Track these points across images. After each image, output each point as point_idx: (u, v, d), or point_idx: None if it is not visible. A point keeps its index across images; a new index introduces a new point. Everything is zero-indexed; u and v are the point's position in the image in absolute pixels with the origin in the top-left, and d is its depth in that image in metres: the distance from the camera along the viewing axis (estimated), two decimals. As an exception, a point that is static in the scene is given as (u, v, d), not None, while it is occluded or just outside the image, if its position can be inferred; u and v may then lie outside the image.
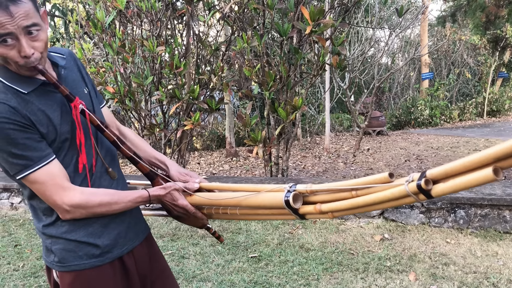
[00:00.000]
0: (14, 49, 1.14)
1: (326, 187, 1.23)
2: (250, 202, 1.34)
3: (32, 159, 1.17)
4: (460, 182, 0.99)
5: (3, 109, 1.14)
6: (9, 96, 1.17)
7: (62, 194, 1.21)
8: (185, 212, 1.43)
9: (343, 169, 7.55)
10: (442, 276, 2.99)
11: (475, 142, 9.90)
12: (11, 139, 1.14)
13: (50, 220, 1.27)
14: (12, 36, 1.12)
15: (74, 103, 1.27)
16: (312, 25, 4.25)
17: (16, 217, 4.74)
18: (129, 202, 1.32)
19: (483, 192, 3.80)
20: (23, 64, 1.16)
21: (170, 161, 1.54)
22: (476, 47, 16.67)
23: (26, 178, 1.19)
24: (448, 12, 9.64)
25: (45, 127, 1.21)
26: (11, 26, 1.10)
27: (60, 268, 1.28)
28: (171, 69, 4.81)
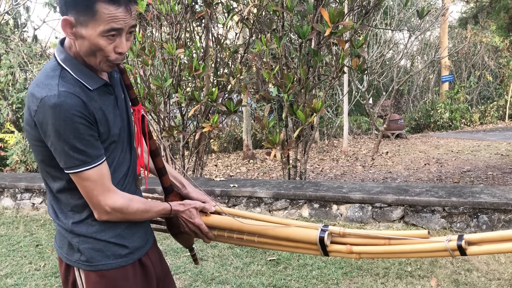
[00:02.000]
0: (112, 44, 1.18)
1: (360, 233, 1.34)
2: (278, 233, 1.41)
3: (91, 156, 1.19)
4: (492, 248, 1.19)
5: (78, 102, 1.16)
6: (78, 89, 1.18)
7: (107, 196, 1.23)
8: (197, 231, 1.47)
9: (362, 172, 7.48)
10: (465, 282, 2.93)
11: (497, 146, 9.71)
12: (79, 133, 1.16)
13: (79, 218, 1.28)
14: (119, 32, 1.17)
15: (138, 107, 1.32)
16: (331, 27, 4.23)
17: (38, 217, 4.81)
18: (155, 212, 1.37)
19: (507, 197, 3.72)
20: (113, 60, 1.20)
21: (185, 180, 1.58)
22: (498, 49, 16.38)
23: (79, 174, 1.19)
24: (469, 13, 9.49)
25: (103, 126, 1.23)
26: (124, 23, 1.16)
27: (87, 268, 1.28)
28: (190, 71, 4.83)
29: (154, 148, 1.42)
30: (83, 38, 1.16)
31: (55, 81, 1.16)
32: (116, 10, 1.13)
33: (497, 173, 6.70)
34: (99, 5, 1.11)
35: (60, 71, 1.19)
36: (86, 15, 1.13)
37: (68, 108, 1.13)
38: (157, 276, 1.42)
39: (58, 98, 1.13)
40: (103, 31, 1.14)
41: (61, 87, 1.15)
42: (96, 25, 1.13)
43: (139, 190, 1.44)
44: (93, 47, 1.16)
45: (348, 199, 4.09)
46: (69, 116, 1.13)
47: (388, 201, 3.95)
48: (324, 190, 4.28)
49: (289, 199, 4.30)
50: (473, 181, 6.20)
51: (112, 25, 1.14)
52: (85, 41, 1.16)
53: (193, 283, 3.10)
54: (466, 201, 3.71)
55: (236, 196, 4.47)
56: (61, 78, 1.18)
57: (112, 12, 1.12)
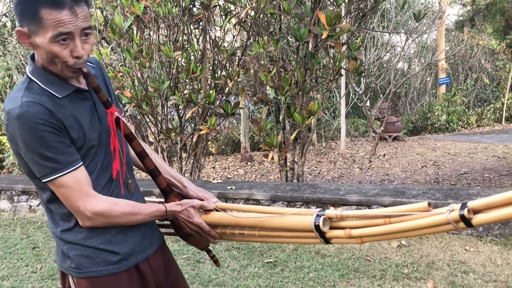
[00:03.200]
0: (67, 48, 1.16)
1: (359, 214, 1.23)
2: (274, 223, 1.34)
3: (62, 163, 1.18)
4: (501, 213, 1.01)
5: (41, 110, 1.16)
6: (44, 98, 1.18)
7: (86, 201, 1.21)
8: (198, 230, 1.43)
9: (359, 174, 7.49)
10: (461, 284, 2.94)
11: (493, 148, 9.74)
12: (45, 141, 1.16)
13: (68, 226, 1.28)
14: (70, 36, 1.15)
15: (110, 109, 1.28)
16: (328, 30, 4.24)
17: (34, 220, 4.80)
18: (147, 215, 1.33)
19: (503, 199, 3.73)
20: (71, 65, 1.18)
21: (186, 179, 1.55)
22: (494, 52, 16.45)
23: (53, 182, 1.19)
24: (466, 16, 9.53)
25: (76, 132, 1.22)
26: (72, 26, 1.14)
27: (77, 274, 1.28)
28: (188, 74, 4.84)
29: (140, 150, 1.37)
30: (39, 47, 1.16)
31: (20, 93, 1.18)
32: (59, 14, 1.11)
33: (494, 175, 6.72)
34: (43, 11, 1.10)
35: (28, 83, 1.20)
36: (34, 23, 1.12)
37: (31, 117, 1.14)
38: (158, 283, 1.39)
39: (21, 109, 1.14)
40: (52, 37, 1.12)
41: (24, 98, 1.16)
42: (45, 32, 1.12)
43: (135, 193, 1.40)
44: (49, 55, 1.16)
45: (345, 201, 4.10)
46: (32, 125, 1.14)
47: (385, 203, 3.96)
48: (321, 192, 4.28)
49: (286, 201, 4.30)
50: (470, 184, 6.22)
51: (59, 30, 1.12)
52: (42, 50, 1.16)
53: (190, 285, 3.09)
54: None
55: (233, 198, 4.47)
56: (28, 89, 1.18)
57: (56, 17, 1.11)
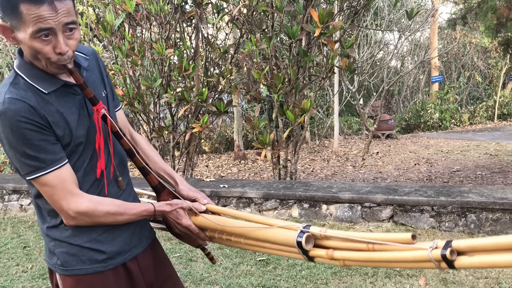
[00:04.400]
0: (49, 44, 1.13)
1: (341, 235, 1.19)
2: (258, 235, 1.30)
3: (45, 161, 1.16)
4: (487, 260, 0.95)
5: (23, 107, 1.13)
6: (29, 94, 1.15)
7: (70, 200, 1.19)
8: (187, 232, 1.40)
9: (352, 172, 7.50)
10: (453, 281, 2.95)
11: (486, 146, 9.80)
12: (27, 139, 1.13)
13: (54, 223, 1.26)
14: (52, 32, 1.11)
15: (97, 106, 1.25)
16: (321, 28, 4.24)
17: (25, 219, 4.76)
18: (134, 215, 1.30)
19: (494, 196, 3.75)
20: (55, 61, 1.15)
21: (179, 176, 1.51)
22: (487, 50, 16.54)
23: (36, 180, 1.17)
24: (458, 14, 9.57)
25: (62, 129, 1.19)
26: (53, 21, 1.10)
27: (63, 272, 1.26)
28: (180, 71, 4.82)
29: (128, 148, 1.35)
30: (22, 43, 1.13)
31: (4, 89, 1.15)
32: (38, 9, 1.07)
33: (486, 172, 6.75)
34: (22, 6, 1.07)
35: (14, 78, 1.17)
36: (15, 18, 1.09)
37: (12, 114, 1.11)
38: (148, 282, 1.38)
39: (2, 106, 1.11)
40: (33, 33, 1.09)
41: (7, 94, 1.13)
42: (25, 27, 1.09)
43: (127, 190, 1.38)
44: (31, 51, 1.13)
45: (337, 199, 4.10)
46: (14, 122, 1.11)
47: (378, 200, 3.97)
48: (313, 190, 4.28)
49: (279, 199, 4.30)
50: (462, 181, 6.25)
51: (39, 26, 1.08)
52: (24, 45, 1.13)
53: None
54: (454, 200, 3.74)
55: (226, 197, 4.46)
56: (13, 85, 1.15)
57: (35, 12, 1.07)
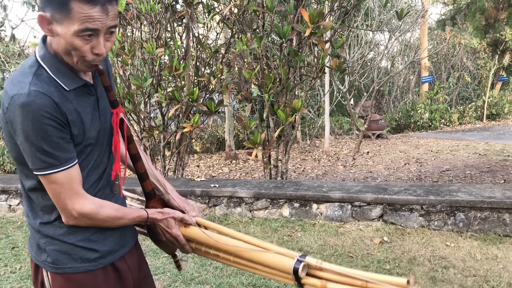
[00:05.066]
0: (89, 44, 1.13)
1: (337, 270, 1.24)
2: (253, 256, 1.35)
3: (59, 159, 1.15)
4: None
5: (48, 103, 1.11)
6: (52, 89, 1.14)
7: (75, 200, 1.18)
8: (174, 241, 1.43)
9: (343, 172, 7.53)
10: (442, 279, 2.97)
11: (475, 145, 9.89)
12: (47, 135, 1.12)
13: (48, 219, 1.24)
14: (95, 32, 1.12)
15: (117, 110, 1.27)
16: (311, 28, 4.25)
17: (14, 219, 4.72)
18: (129, 220, 1.32)
19: (482, 195, 3.79)
20: (89, 60, 1.15)
21: (169, 185, 1.53)
22: (476, 50, 16.70)
23: (46, 177, 1.16)
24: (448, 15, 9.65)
25: (77, 129, 1.19)
26: (101, 23, 1.11)
27: (53, 269, 1.25)
28: (171, 71, 4.80)
29: (135, 153, 1.38)
30: (59, 36, 1.12)
31: (28, 79, 1.12)
32: (91, 9, 1.08)
33: (475, 172, 6.82)
34: (74, 3, 1.07)
35: (37, 68, 1.15)
36: (61, 12, 1.08)
37: (37, 108, 1.09)
38: (134, 280, 1.39)
39: (28, 98, 1.09)
40: (78, 31, 1.09)
41: (32, 86, 1.11)
42: (70, 24, 1.09)
43: (118, 195, 1.39)
44: (68, 46, 1.12)
45: (328, 198, 4.12)
46: (37, 117, 1.09)
47: (367, 200, 3.99)
48: (304, 190, 4.30)
49: (270, 199, 4.31)
50: (452, 180, 6.30)
51: (86, 25, 1.09)
52: (61, 39, 1.12)
53: (172, 283, 3.08)
54: (443, 199, 3.77)
55: (217, 196, 4.46)
56: (36, 76, 1.13)
57: (86, 12, 1.08)
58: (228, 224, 4.18)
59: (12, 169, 7.16)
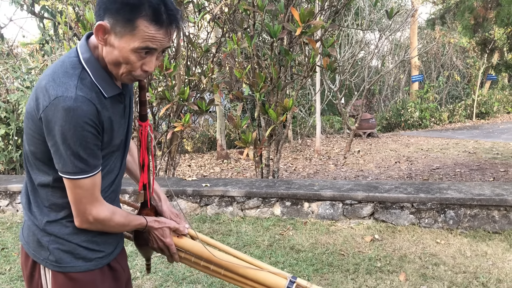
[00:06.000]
0: (141, 60, 1.14)
1: None
2: (247, 273, 1.43)
3: (90, 165, 1.16)
4: None
5: (92, 110, 1.12)
6: (94, 95, 1.14)
7: (94, 205, 1.20)
8: (165, 250, 1.46)
9: (334, 170, 7.56)
10: (432, 276, 3.00)
11: (464, 144, 9.98)
12: (86, 142, 1.12)
13: (55, 217, 1.24)
14: (151, 51, 1.14)
15: (145, 123, 1.31)
16: (302, 27, 4.26)
17: (3, 220, 4.68)
18: (132, 226, 1.36)
19: (472, 192, 3.82)
20: (136, 76, 1.18)
21: (163, 195, 1.56)
22: (465, 49, 16.84)
23: (74, 181, 1.16)
24: (437, 14, 9.72)
25: (108, 136, 1.20)
26: (160, 44, 1.13)
27: (55, 268, 1.25)
28: (161, 70, 4.79)
29: (147, 163, 1.40)
30: (113, 47, 1.13)
31: (73, 82, 1.12)
32: (157, 31, 1.10)
33: (465, 170, 6.88)
34: (141, 22, 1.08)
35: (81, 71, 1.15)
36: (124, 27, 1.09)
37: (82, 115, 1.10)
38: (125, 280, 1.42)
39: (75, 102, 1.09)
40: (137, 48, 1.11)
41: (79, 91, 1.11)
42: (131, 40, 1.10)
43: (117, 200, 1.43)
44: (121, 59, 1.13)
45: (319, 196, 4.13)
46: (81, 123, 1.10)
47: (358, 198, 4.01)
48: (295, 188, 4.31)
49: (261, 198, 4.31)
50: (442, 178, 6.35)
51: (147, 44, 1.11)
52: (115, 51, 1.13)
53: (164, 283, 3.07)
54: (433, 197, 3.80)
55: (208, 196, 4.45)
56: (80, 79, 1.13)
57: (151, 32, 1.10)
58: (219, 224, 4.18)
59: (2, 170, 7.09)
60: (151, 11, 1.08)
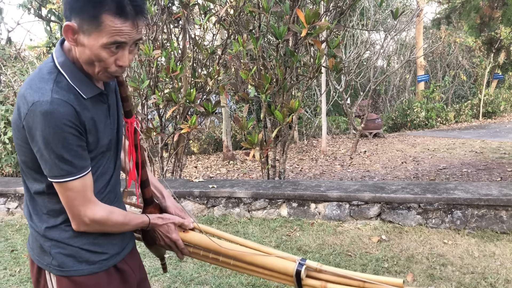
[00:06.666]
0: (114, 56, 1.15)
1: (336, 271, 1.33)
2: (255, 260, 1.41)
3: (77, 167, 1.16)
4: None
5: (70, 111, 1.12)
6: (71, 97, 1.15)
7: (88, 207, 1.20)
8: (172, 246, 1.46)
9: (340, 171, 7.55)
10: (440, 276, 2.99)
11: (471, 143, 9.93)
12: (68, 143, 1.13)
13: (53, 223, 1.25)
14: (122, 45, 1.14)
15: (131, 119, 1.30)
16: (307, 28, 4.27)
17: (13, 222, 4.72)
18: (133, 225, 1.35)
19: (479, 192, 3.81)
20: (112, 72, 1.18)
21: (166, 192, 1.55)
22: (471, 49, 16.76)
23: (63, 184, 1.17)
24: (443, 14, 9.69)
25: (92, 136, 1.20)
26: (129, 37, 1.13)
27: (58, 272, 1.26)
28: (168, 72, 4.81)
29: (142, 160, 1.41)
30: (84, 46, 1.13)
31: (49, 86, 1.13)
32: (123, 24, 1.10)
33: (472, 170, 6.85)
34: (105, 17, 1.08)
35: (56, 75, 1.16)
36: (90, 24, 1.09)
37: (60, 117, 1.10)
38: (137, 281, 1.42)
39: (51, 105, 1.09)
40: (106, 44, 1.11)
41: (54, 94, 1.11)
42: (99, 36, 1.10)
43: (120, 199, 1.42)
44: (93, 57, 1.14)
45: (326, 197, 4.14)
46: (60, 125, 1.10)
47: (365, 198, 4.01)
48: (302, 189, 4.31)
49: (268, 199, 4.32)
50: (449, 178, 6.33)
51: (116, 38, 1.11)
52: (86, 50, 1.13)
53: (172, 284, 3.09)
54: (440, 197, 3.80)
55: (215, 197, 4.47)
56: (56, 83, 1.14)
57: (117, 26, 1.09)
58: (226, 225, 4.19)
59: (10, 172, 7.15)
60: (114, 4, 1.08)
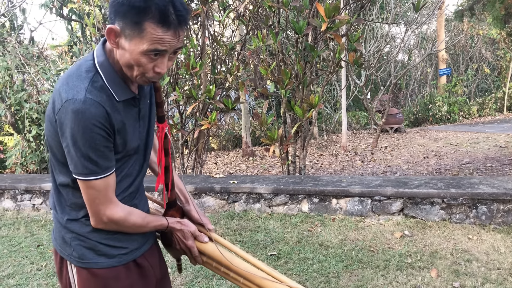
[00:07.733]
0: (153, 62, 1.16)
1: None
2: (266, 285, 1.39)
3: (101, 167, 1.18)
4: None
5: (101, 113, 1.14)
6: (104, 98, 1.17)
7: (108, 207, 1.22)
8: (187, 251, 1.47)
9: (361, 167, 7.49)
10: (465, 272, 2.94)
11: (495, 137, 9.72)
12: (95, 144, 1.15)
13: (75, 216, 1.28)
14: (162, 53, 1.15)
15: (163, 125, 1.32)
16: (327, 22, 4.23)
17: (38, 218, 4.82)
18: (151, 227, 1.37)
19: (505, 187, 3.73)
20: (149, 77, 1.19)
21: (189, 195, 1.57)
22: (495, 41, 16.38)
23: (86, 182, 1.19)
24: (465, 6, 9.50)
25: (120, 139, 1.22)
26: (170, 45, 1.14)
27: (78, 264, 1.29)
28: (187, 69, 4.84)
29: (168, 165, 1.42)
30: (124, 50, 1.14)
31: (84, 84, 1.15)
32: (164, 33, 1.11)
33: (496, 164, 6.71)
34: (148, 24, 1.09)
35: (94, 74, 1.18)
36: (133, 30, 1.11)
37: (90, 117, 1.12)
38: (156, 277, 1.43)
39: (83, 105, 1.11)
40: (146, 50, 1.12)
41: (88, 94, 1.13)
42: (140, 42, 1.11)
43: (143, 199, 1.44)
44: (132, 62, 1.15)
45: (347, 192, 4.10)
46: (89, 125, 1.12)
47: (387, 194, 3.96)
48: (323, 185, 4.29)
49: (289, 194, 4.31)
50: (472, 173, 6.22)
51: (156, 46, 1.12)
52: (126, 54, 1.14)
53: (195, 279, 3.11)
54: (465, 192, 3.73)
55: (236, 193, 4.48)
56: (92, 82, 1.16)
57: (159, 34, 1.10)
58: (247, 220, 4.20)
59: (34, 170, 7.30)
60: (158, 13, 1.08)
